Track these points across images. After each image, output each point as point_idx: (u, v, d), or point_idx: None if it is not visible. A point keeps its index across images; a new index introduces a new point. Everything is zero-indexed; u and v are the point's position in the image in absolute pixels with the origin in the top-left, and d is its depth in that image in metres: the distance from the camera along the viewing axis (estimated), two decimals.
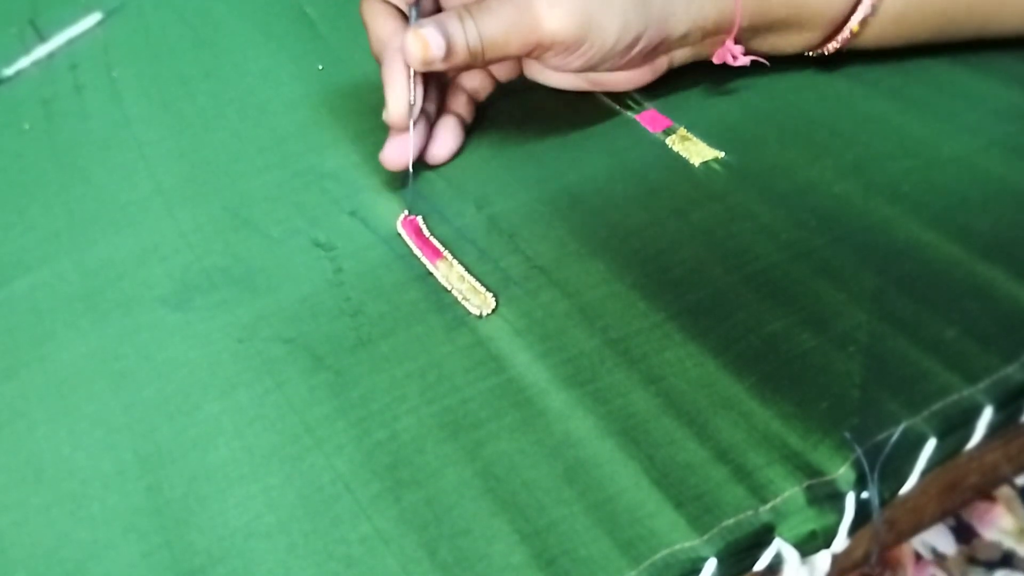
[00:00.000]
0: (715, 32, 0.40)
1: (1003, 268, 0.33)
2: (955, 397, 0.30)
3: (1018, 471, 0.33)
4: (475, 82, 0.44)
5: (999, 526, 0.52)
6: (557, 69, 0.40)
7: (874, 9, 0.40)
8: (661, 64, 0.41)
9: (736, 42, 0.40)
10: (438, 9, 0.41)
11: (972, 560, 0.52)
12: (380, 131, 0.46)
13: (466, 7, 0.38)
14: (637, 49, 0.39)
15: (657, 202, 0.39)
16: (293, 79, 0.52)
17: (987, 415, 0.29)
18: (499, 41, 0.37)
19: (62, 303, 0.39)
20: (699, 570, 0.27)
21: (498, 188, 0.41)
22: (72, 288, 0.40)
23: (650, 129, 0.43)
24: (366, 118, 0.47)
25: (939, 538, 0.53)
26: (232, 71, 0.53)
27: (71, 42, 0.59)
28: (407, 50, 0.37)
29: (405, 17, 0.41)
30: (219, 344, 0.36)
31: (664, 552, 0.27)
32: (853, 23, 0.40)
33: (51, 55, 0.58)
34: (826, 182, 0.39)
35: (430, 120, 0.42)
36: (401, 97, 0.39)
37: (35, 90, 0.55)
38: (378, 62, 0.41)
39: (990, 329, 0.31)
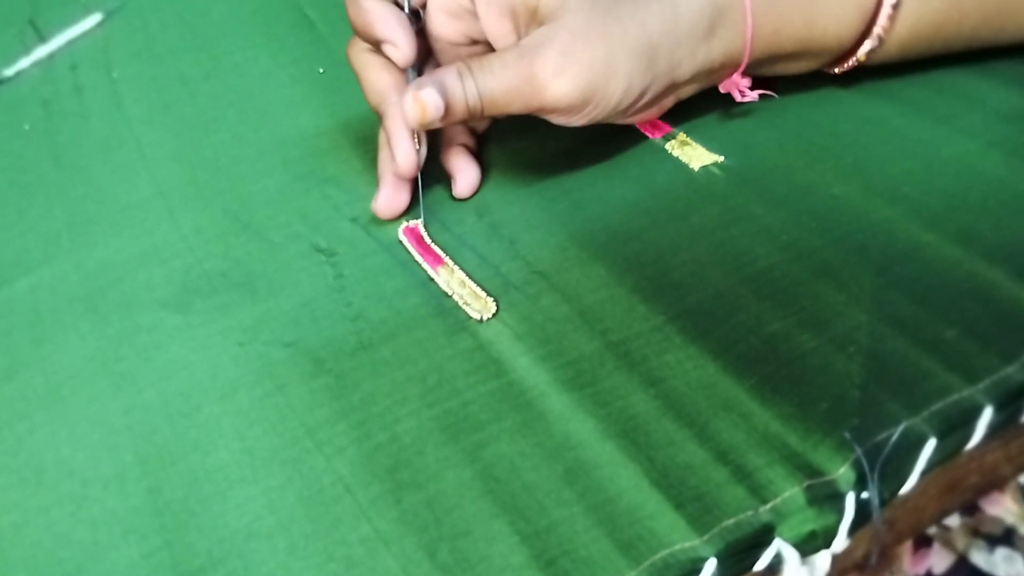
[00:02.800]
0: (722, 69, 0.39)
1: (1003, 269, 0.33)
2: (955, 397, 0.30)
3: (1018, 471, 0.33)
4: (480, 123, 0.44)
5: (1003, 505, 0.52)
6: (562, 124, 0.39)
7: (881, 41, 0.40)
8: (668, 102, 0.41)
9: (743, 73, 0.40)
10: (428, 52, 0.41)
11: (975, 532, 0.52)
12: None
13: (467, 62, 0.37)
14: (643, 102, 0.38)
15: (657, 206, 0.39)
16: (294, 81, 0.52)
17: (987, 415, 0.29)
18: (500, 101, 0.37)
19: (62, 304, 0.39)
20: (699, 570, 0.27)
21: (498, 196, 0.41)
22: (72, 289, 0.40)
23: (649, 135, 0.43)
24: (367, 123, 0.47)
25: None
26: (232, 73, 0.53)
27: (71, 43, 0.59)
28: (406, 113, 0.37)
29: (397, 67, 0.40)
30: (219, 347, 0.36)
31: (664, 552, 0.27)
32: (860, 54, 0.40)
33: (51, 56, 0.58)
34: (826, 184, 0.39)
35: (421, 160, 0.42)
36: (409, 151, 0.39)
37: (35, 90, 0.55)
38: (376, 113, 0.40)
39: (990, 329, 0.31)
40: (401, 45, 0.38)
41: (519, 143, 0.44)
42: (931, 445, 0.29)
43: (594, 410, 0.31)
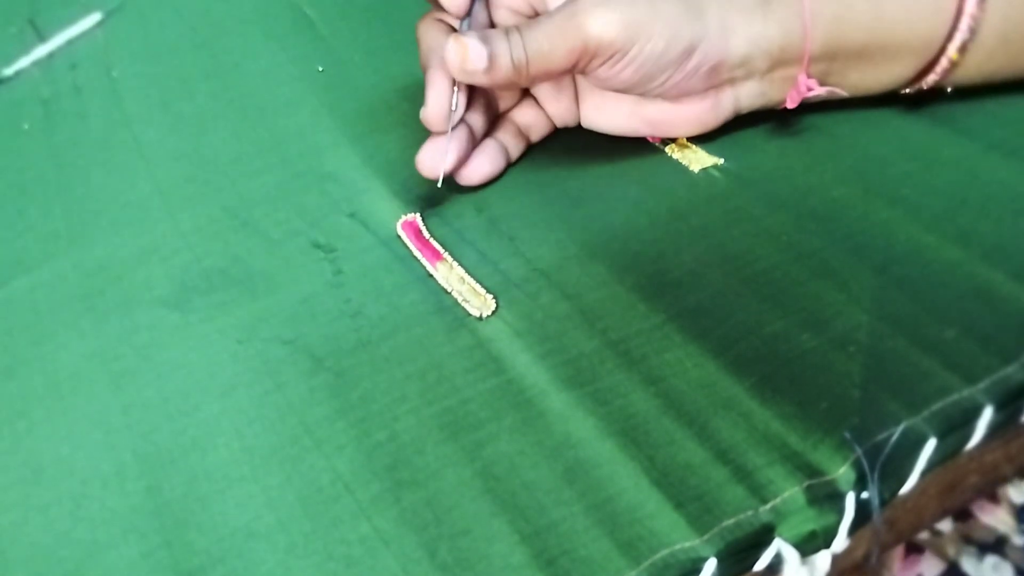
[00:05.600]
0: (783, 61, 0.37)
1: (1003, 269, 0.33)
2: (955, 397, 0.30)
3: (1018, 471, 0.33)
4: (527, 117, 0.43)
5: (998, 516, 0.52)
6: (608, 84, 0.37)
7: (973, 33, 0.36)
8: (726, 101, 0.39)
9: (808, 77, 0.38)
10: (492, 27, 0.41)
11: (967, 539, 0.52)
12: (380, 133, 0.46)
13: (516, 25, 0.37)
14: (692, 63, 0.36)
15: (657, 206, 0.39)
16: (293, 80, 0.52)
17: (987, 415, 0.29)
18: (544, 51, 0.36)
19: (61, 303, 0.39)
20: (699, 570, 0.27)
21: (497, 192, 0.41)
22: (71, 288, 0.40)
23: (649, 138, 0.42)
24: (366, 120, 0.47)
25: None
26: (232, 72, 0.53)
27: (71, 42, 0.59)
28: (447, 56, 0.36)
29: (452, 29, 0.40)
30: (218, 345, 0.36)
31: (664, 552, 0.27)
32: (951, 51, 0.37)
33: (51, 55, 0.58)
34: (825, 186, 0.39)
35: (475, 139, 0.41)
36: (440, 98, 0.38)
37: (35, 90, 0.55)
38: (423, 72, 0.40)
39: (990, 329, 0.31)
40: None
41: None
42: (931, 445, 0.29)
43: (594, 408, 0.31)
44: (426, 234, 0.39)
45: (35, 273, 0.41)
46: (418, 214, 0.40)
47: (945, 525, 0.53)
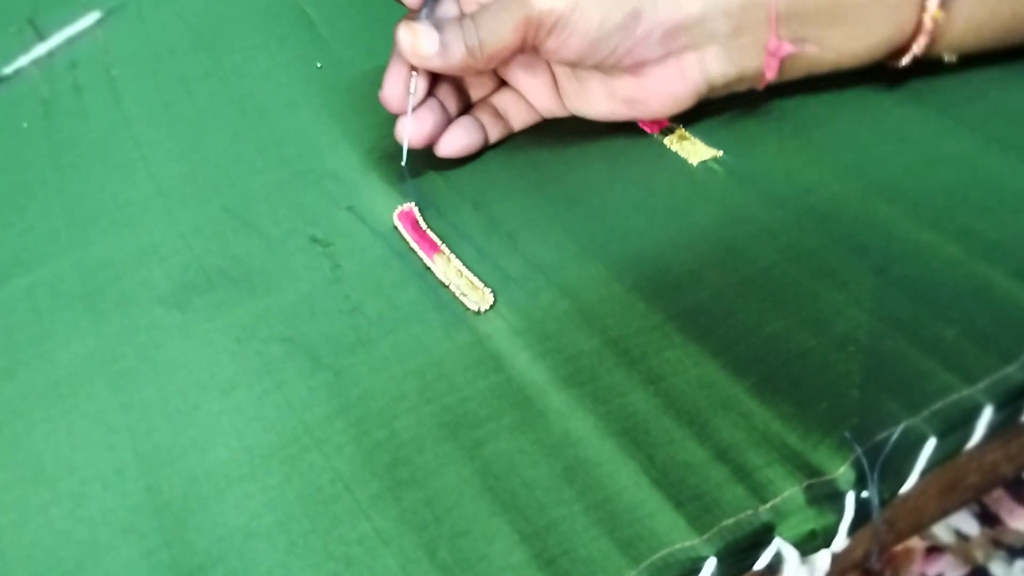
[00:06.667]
0: (747, 23, 0.37)
1: (1002, 268, 0.33)
2: (955, 397, 0.30)
3: (1018, 471, 0.33)
4: (505, 103, 0.43)
5: None
6: (560, 56, 0.38)
7: None
8: (691, 69, 0.38)
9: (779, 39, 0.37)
10: None
11: (997, 543, 0.51)
12: (379, 131, 0.46)
13: (470, 14, 0.38)
14: (642, 28, 0.36)
15: (656, 204, 0.39)
16: (293, 79, 0.52)
17: (987, 415, 0.29)
18: (493, 30, 0.37)
19: (61, 303, 0.39)
20: (699, 570, 0.27)
21: (496, 189, 0.41)
22: (71, 288, 0.40)
23: (648, 130, 0.42)
24: (365, 118, 0.47)
25: (962, 521, 0.53)
26: (232, 71, 0.53)
27: (70, 41, 0.59)
28: (399, 41, 0.38)
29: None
30: (218, 344, 0.36)
31: (664, 552, 0.27)
32: (931, 7, 0.36)
33: (50, 54, 0.58)
34: (825, 183, 0.38)
35: (448, 117, 0.42)
36: (394, 81, 0.39)
37: (34, 89, 0.55)
38: None
39: (990, 329, 0.31)
40: None
41: (519, 139, 0.44)
42: (931, 445, 0.29)
43: (593, 407, 0.31)
44: (423, 225, 0.39)
45: (34, 272, 0.41)
46: (414, 204, 0.40)
47: (973, 529, 0.53)
